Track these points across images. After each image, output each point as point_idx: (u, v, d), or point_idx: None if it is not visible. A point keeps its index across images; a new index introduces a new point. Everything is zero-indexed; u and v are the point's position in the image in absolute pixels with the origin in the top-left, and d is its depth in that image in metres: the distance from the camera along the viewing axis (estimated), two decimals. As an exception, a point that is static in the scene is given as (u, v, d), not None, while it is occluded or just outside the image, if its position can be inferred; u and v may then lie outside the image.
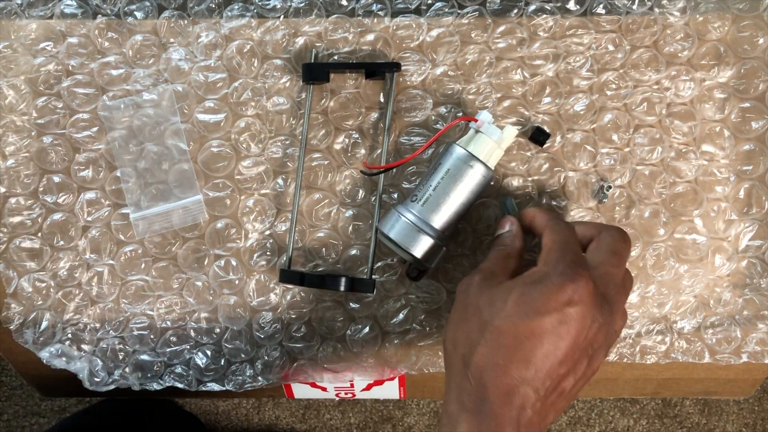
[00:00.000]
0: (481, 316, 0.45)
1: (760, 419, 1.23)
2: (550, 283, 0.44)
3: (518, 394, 0.43)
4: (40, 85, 0.60)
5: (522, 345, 0.43)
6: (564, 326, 0.43)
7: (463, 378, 0.45)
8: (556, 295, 0.43)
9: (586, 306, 0.43)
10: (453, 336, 0.47)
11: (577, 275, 0.44)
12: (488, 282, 0.48)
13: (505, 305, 0.44)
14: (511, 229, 0.52)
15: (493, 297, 0.46)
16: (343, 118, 0.60)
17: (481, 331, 0.45)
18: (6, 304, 0.61)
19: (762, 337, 0.61)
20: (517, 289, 0.45)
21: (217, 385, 0.63)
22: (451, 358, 0.47)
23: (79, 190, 0.61)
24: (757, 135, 0.59)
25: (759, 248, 0.60)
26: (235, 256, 0.61)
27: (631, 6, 0.59)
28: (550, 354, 0.43)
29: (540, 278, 0.45)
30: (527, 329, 0.43)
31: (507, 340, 0.43)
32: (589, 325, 0.44)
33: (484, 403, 0.43)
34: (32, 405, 1.22)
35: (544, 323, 0.43)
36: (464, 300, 0.48)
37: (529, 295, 0.44)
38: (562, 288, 0.43)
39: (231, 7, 0.60)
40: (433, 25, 0.59)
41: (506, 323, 0.44)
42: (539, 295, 0.44)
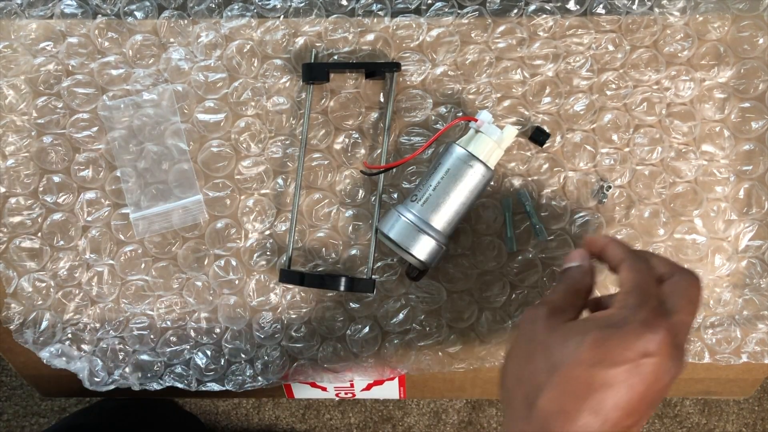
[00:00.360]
0: (551, 356, 0.43)
1: (760, 419, 1.23)
2: (629, 330, 0.41)
3: None
4: (40, 85, 0.60)
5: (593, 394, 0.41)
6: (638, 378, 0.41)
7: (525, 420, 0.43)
8: (634, 344, 0.41)
9: (662, 358, 0.41)
10: (517, 372, 0.45)
11: (658, 326, 0.41)
12: (557, 318, 0.45)
13: (578, 349, 0.41)
14: (582, 265, 0.49)
15: (565, 336, 0.43)
16: (343, 118, 0.60)
17: (550, 373, 0.42)
18: (6, 304, 0.61)
19: (762, 337, 0.61)
20: (593, 333, 0.42)
21: (217, 385, 0.63)
22: (513, 395, 0.45)
23: (79, 190, 0.61)
24: (757, 135, 0.59)
25: (759, 248, 0.60)
26: (235, 256, 0.61)
27: (631, 6, 0.59)
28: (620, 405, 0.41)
29: (618, 323, 0.42)
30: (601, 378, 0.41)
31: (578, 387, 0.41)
32: (662, 377, 0.42)
33: None
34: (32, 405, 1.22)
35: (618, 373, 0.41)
36: (530, 334, 0.45)
37: (606, 341, 0.41)
38: (642, 338, 0.41)
39: (231, 7, 0.60)
40: (433, 25, 0.59)
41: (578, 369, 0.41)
42: (617, 343, 0.41)
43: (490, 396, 0.69)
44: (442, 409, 1.23)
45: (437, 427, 1.23)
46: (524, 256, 0.60)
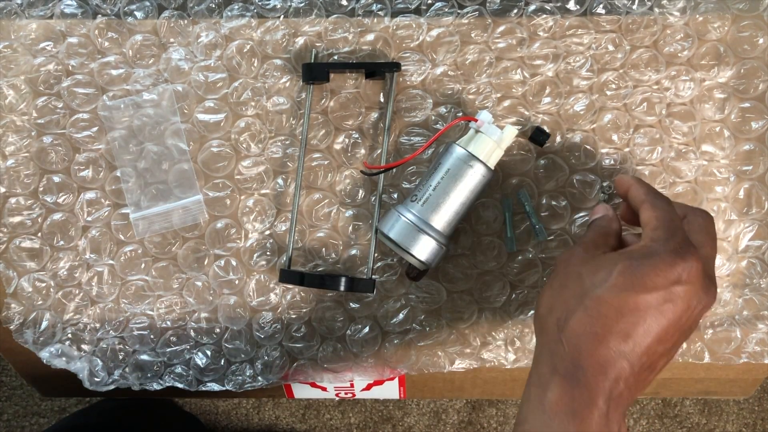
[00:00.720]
0: (583, 284, 0.44)
1: (760, 419, 1.23)
2: (659, 259, 0.42)
3: (614, 366, 0.41)
4: (40, 85, 0.60)
5: (623, 318, 0.42)
6: (669, 305, 0.42)
7: (556, 342, 0.44)
8: (665, 272, 0.42)
9: (694, 286, 0.42)
10: (549, 302, 0.46)
11: (689, 254, 0.42)
12: (591, 253, 0.47)
13: (609, 276, 0.43)
14: (607, 213, 0.51)
15: (597, 266, 0.44)
16: (343, 118, 0.60)
17: (581, 299, 0.43)
18: (6, 304, 0.61)
19: (762, 337, 0.61)
20: (624, 262, 0.43)
21: (217, 385, 0.63)
22: (545, 323, 0.46)
23: (79, 190, 0.61)
24: (756, 135, 0.59)
25: (759, 248, 0.60)
26: (235, 256, 0.61)
27: (631, 6, 0.59)
28: (651, 331, 0.42)
29: (649, 253, 0.43)
30: (631, 303, 0.42)
31: (608, 310, 0.42)
32: (694, 305, 0.43)
33: (577, 369, 0.42)
34: (32, 405, 1.22)
35: (649, 299, 0.42)
36: (565, 268, 0.47)
37: (636, 268, 0.42)
38: (673, 266, 0.42)
39: (231, 7, 0.60)
40: (433, 25, 0.59)
41: (609, 294, 0.42)
42: (648, 270, 0.42)
43: (490, 396, 0.69)
44: (442, 409, 1.23)
45: (437, 427, 1.23)
46: (524, 256, 0.60)
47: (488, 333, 0.62)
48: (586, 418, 0.41)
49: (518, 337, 0.62)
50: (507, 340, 0.62)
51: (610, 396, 0.42)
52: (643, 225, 0.46)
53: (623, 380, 0.42)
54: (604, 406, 0.41)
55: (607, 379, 0.42)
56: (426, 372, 0.63)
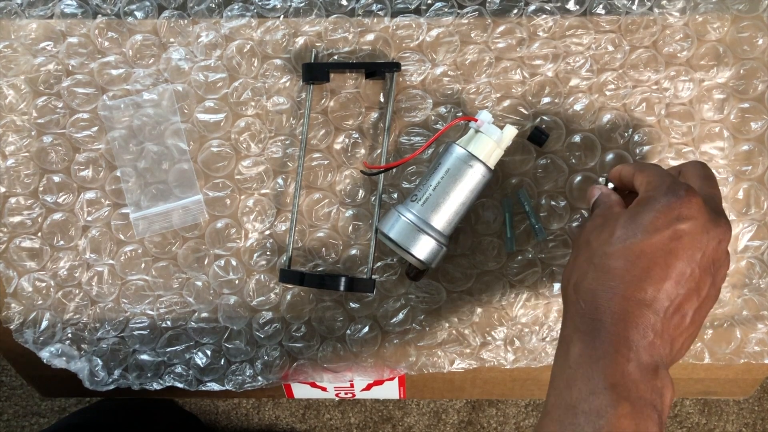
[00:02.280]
0: (591, 247, 0.45)
1: (760, 419, 1.23)
2: (656, 202, 0.42)
3: (634, 314, 0.41)
4: (40, 85, 0.60)
5: (633, 265, 0.41)
6: (677, 242, 0.41)
7: (575, 305, 0.44)
8: (664, 212, 0.42)
9: (699, 220, 0.42)
10: (567, 274, 0.47)
11: (683, 190, 0.42)
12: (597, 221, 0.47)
13: (612, 231, 0.43)
14: (602, 191, 0.51)
15: (601, 228, 0.45)
16: (343, 118, 0.60)
17: (590, 259, 0.44)
18: (6, 304, 0.61)
19: (762, 337, 0.61)
20: (624, 216, 0.44)
21: (217, 385, 0.63)
22: (566, 291, 0.46)
23: (79, 190, 0.61)
24: (756, 135, 0.59)
25: (758, 248, 0.60)
26: (235, 256, 0.61)
27: (630, 6, 0.59)
28: (665, 273, 0.41)
29: (645, 201, 0.43)
30: (637, 249, 0.42)
31: (616, 262, 0.42)
32: (706, 240, 0.42)
33: (596, 323, 0.41)
34: (32, 405, 1.22)
35: (654, 241, 0.41)
36: (577, 241, 0.48)
37: (635, 216, 0.43)
38: (670, 205, 0.42)
39: (231, 7, 0.60)
40: (433, 25, 0.59)
41: (614, 246, 0.42)
42: (647, 215, 0.42)
43: (490, 396, 0.69)
44: (442, 409, 1.23)
45: (437, 427, 1.23)
46: (524, 256, 0.60)
47: (488, 333, 0.62)
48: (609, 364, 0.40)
49: (518, 337, 0.62)
50: (507, 340, 0.62)
51: (638, 346, 0.40)
52: (639, 189, 0.47)
53: (649, 328, 0.41)
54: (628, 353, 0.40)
55: (629, 329, 0.41)
56: (426, 372, 0.63)
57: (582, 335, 0.42)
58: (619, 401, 0.39)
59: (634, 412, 0.39)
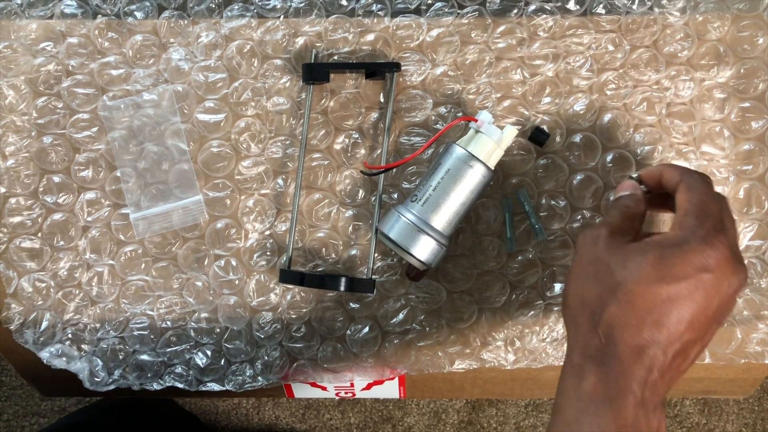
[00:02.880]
0: (614, 275, 0.44)
1: (760, 419, 1.23)
2: (688, 248, 0.43)
3: (648, 354, 0.42)
4: (40, 85, 0.60)
5: (656, 308, 0.42)
6: (699, 292, 0.42)
7: (591, 334, 0.44)
8: (694, 260, 0.42)
9: (723, 272, 0.43)
10: (580, 292, 0.46)
11: (717, 241, 0.43)
12: (617, 240, 0.46)
13: (640, 267, 0.43)
14: (635, 192, 0.50)
15: (626, 257, 0.44)
16: (343, 118, 0.60)
17: (613, 291, 0.44)
18: (6, 304, 0.61)
19: (762, 337, 0.61)
20: (654, 252, 0.44)
21: (217, 385, 0.63)
22: (577, 315, 0.46)
23: (79, 190, 0.61)
24: (756, 135, 0.59)
25: (759, 248, 0.60)
26: (235, 256, 0.61)
27: (630, 6, 0.59)
28: (683, 319, 0.42)
29: (678, 243, 0.44)
30: (664, 293, 0.42)
31: (641, 302, 0.43)
32: (725, 290, 0.43)
33: (612, 358, 0.43)
34: (32, 405, 1.22)
35: (680, 288, 0.42)
36: (592, 255, 0.47)
37: (667, 259, 0.43)
38: (701, 254, 0.43)
39: (231, 7, 0.60)
40: (433, 25, 0.59)
41: (641, 286, 0.43)
42: (678, 260, 0.43)
43: (490, 396, 0.69)
44: (442, 409, 1.23)
45: (437, 427, 1.23)
46: (524, 256, 0.60)
47: (488, 333, 0.62)
48: (621, 405, 0.42)
49: (518, 337, 0.62)
50: (507, 341, 0.62)
51: (645, 384, 0.42)
52: (677, 208, 0.47)
53: (657, 368, 0.42)
54: (639, 392, 0.42)
55: (641, 367, 0.42)
56: (426, 372, 0.63)
57: (596, 369, 0.43)
58: None
59: None
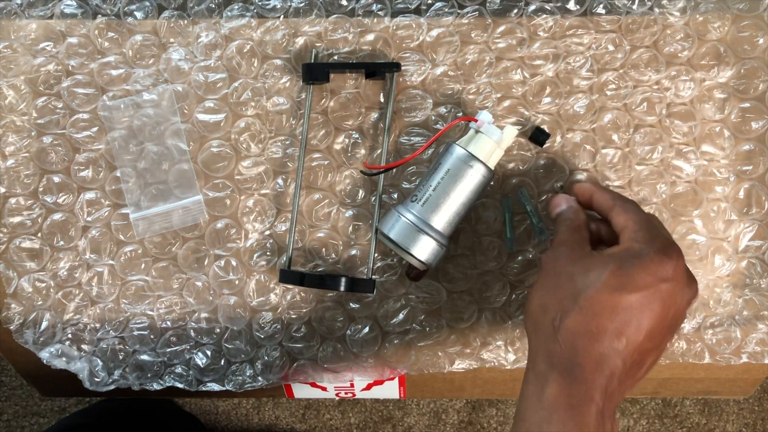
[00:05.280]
0: (575, 284, 0.46)
1: (760, 419, 1.23)
2: (648, 259, 0.44)
3: (608, 363, 0.43)
4: (40, 85, 0.60)
5: (616, 317, 0.44)
6: (657, 302, 0.44)
7: (552, 341, 0.45)
8: (654, 271, 0.44)
9: (678, 283, 0.44)
10: (542, 301, 0.47)
11: (674, 252, 0.45)
12: (577, 252, 0.49)
13: (601, 276, 0.44)
14: (571, 205, 0.53)
15: (587, 267, 0.46)
16: (343, 118, 0.60)
17: (575, 298, 0.45)
18: (6, 304, 0.61)
19: (762, 337, 0.61)
20: (615, 263, 0.45)
21: (217, 385, 0.63)
22: (539, 322, 0.47)
23: (79, 190, 0.61)
24: (757, 135, 0.59)
25: (759, 248, 0.60)
26: (235, 256, 0.61)
27: (631, 6, 0.59)
28: (642, 328, 0.44)
29: (637, 254, 0.45)
30: (624, 302, 0.44)
31: (601, 309, 0.44)
32: (680, 300, 0.45)
33: (574, 367, 0.44)
34: (32, 405, 1.22)
35: (639, 297, 0.44)
36: (554, 268, 0.48)
37: (627, 269, 0.44)
38: (661, 264, 0.44)
39: (231, 7, 0.60)
40: (433, 25, 0.59)
41: (602, 294, 0.44)
42: (638, 270, 0.44)
43: (490, 396, 0.69)
44: (442, 409, 1.23)
45: (437, 427, 1.23)
46: (524, 256, 0.60)
47: (488, 333, 0.62)
48: (583, 412, 0.43)
49: (518, 337, 0.62)
50: (507, 341, 0.62)
51: (605, 392, 0.43)
52: (620, 228, 0.48)
53: (616, 377, 0.44)
54: (600, 401, 0.43)
55: (602, 375, 0.43)
56: (426, 372, 0.63)
57: (559, 377, 0.44)
58: None
59: None
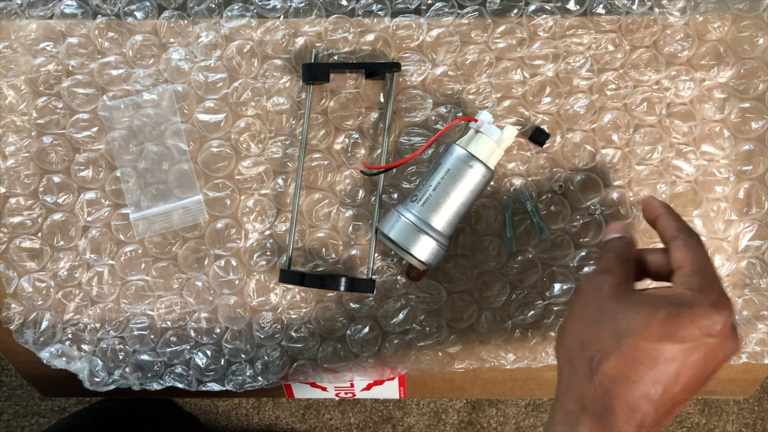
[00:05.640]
0: (617, 325, 0.44)
1: (760, 419, 1.23)
2: (700, 312, 0.43)
3: (641, 410, 0.42)
4: (40, 85, 0.60)
5: (657, 366, 0.42)
6: (701, 356, 0.43)
7: (587, 382, 0.44)
8: (703, 325, 0.42)
9: (724, 339, 0.43)
10: (581, 336, 0.46)
11: (725, 308, 0.43)
12: (623, 288, 0.46)
13: (648, 322, 0.43)
14: (625, 236, 0.50)
15: (633, 309, 0.44)
16: (343, 118, 0.60)
17: (617, 342, 0.43)
18: (6, 304, 0.61)
19: (762, 337, 0.61)
20: (664, 309, 0.43)
21: (217, 385, 0.63)
22: (575, 359, 0.46)
23: (79, 190, 0.61)
24: (756, 135, 0.59)
25: (759, 248, 0.60)
26: (235, 256, 0.61)
27: (631, 6, 0.59)
28: (681, 379, 0.43)
29: (688, 303, 0.43)
30: (668, 352, 0.42)
31: (644, 358, 0.43)
32: (722, 356, 0.44)
33: (607, 412, 0.43)
34: (32, 405, 1.22)
35: (684, 349, 0.42)
36: (597, 300, 0.46)
37: (675, 318, 0.43)
38: (711, 319, 0.42)
39: (231, 7, 0.60)
40: (433, 25, 0.59)
41: (646, 342, 0.43)
42: (687, 321, 0.43)
43: (490, 396, 0.69)
44: (442, 409, 1.23)
45: (437, 427, 1.23)
46: (524, 256, 0.60)
47: (488, 333, 0.62)
48: None
49: (518, 338, 0.62)
50: (507, 341, 0.62)
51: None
52: (677, 266, 0.46)
53: (647, 424, 0.43)
54: None
55: (634, 422, 0.42)
56: (426, 372, 0.63)
57: (590, 421, 0.43)
58: None
59: None
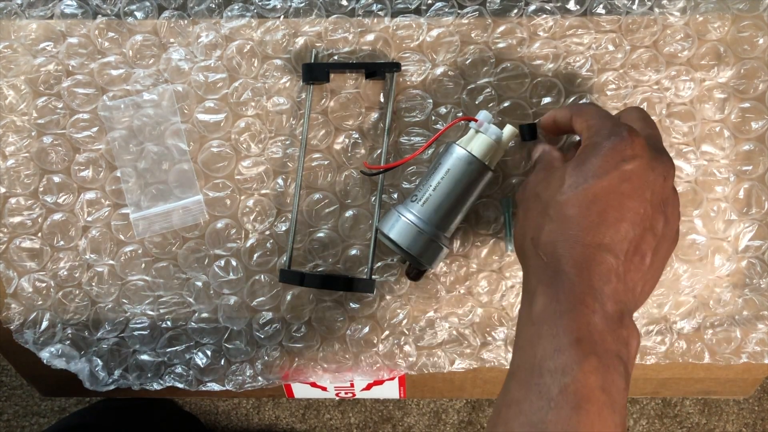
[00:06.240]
0: (541, 199, 0.44)
1: (760, 419, 1.23)
2: (601, 147, 0.42)
3: (596, 261, 0.40)
4: (40, 85, 0.60)
5: (589, 211, 0.41)
6: (626, 183, 0.41)
7: (535, 258, 0.43)
8: (610, 155, 0.42)
9: (643, 158, 0.42)
10: (521, 230, 0.47)
11: (625, 131, 0.42)
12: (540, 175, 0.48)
13: (562, 180, 0.43)
14: (544, 148, 0.52)
15: (548, 180, 0.45)
16: (343, 118, 0.60)
17: (545, 211, 0.43)
18: (6, 304, 0.61)
19: (762, 337, 0.61)
20: (571, 164, 0.43)
21: (217, 385, 0.63)
22: (523, 246, 0.46)
23: (79, 190, 0.61)
24: (756, 135, 0.59)
25: (759, 248, 0.60)
26: (235, 257, 0.61)
27: (631, 6, 0.59)
28: (620, 215, 0.41)
29: (591, 146, 0.43)
30: (590, 194, 0.41)
31: (572, 209, 0.42)
32: (653, 177, 0.42)
33: (559, 274, 0.41)
34: (32, 405, 1.22)
35: (604, 184, 0.41)
36: (522, 197, 0.48)
37: (583, 163, 0.43)
38: (615, 147, 0.42)
39: (231, 7, 0.60)
40: (433, 25, 0.59)
41: (566, 195, 0.42)
42: (594, 160, 0.42)
43: (490, 396, 0.69)
44: (442, 409, 1.23)
45: (437, 427, 1.23)
46: (524, 256, 0.60)
47: (488, 333, 0.62)
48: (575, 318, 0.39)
49: (518, 337, 0.62)
50: (507, 340, 0.62)
51: (602, 293, 0.40)
52: (580, 133, 0.47)
53: (613, 273, 0.40)
54: (594, 303, 0.39)
55: (591, 275, 0.40)
56: (426, 372, 0.63)
57: (545, 287, 0.41)
58: (585, 356, 0.38)
59: (600, 366, 0.38)
